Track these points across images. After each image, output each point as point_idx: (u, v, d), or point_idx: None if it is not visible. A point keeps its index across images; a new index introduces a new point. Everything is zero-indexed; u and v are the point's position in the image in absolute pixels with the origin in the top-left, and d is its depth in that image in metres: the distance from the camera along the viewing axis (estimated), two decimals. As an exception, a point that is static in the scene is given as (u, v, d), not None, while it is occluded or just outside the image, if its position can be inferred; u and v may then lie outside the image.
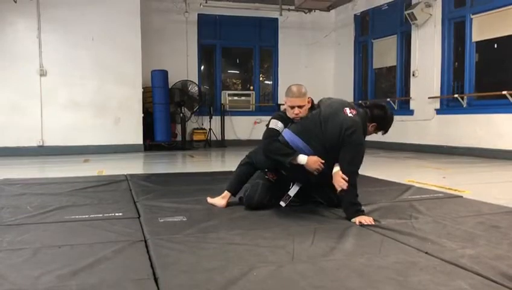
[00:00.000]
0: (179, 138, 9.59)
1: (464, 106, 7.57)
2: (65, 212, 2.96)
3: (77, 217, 2.82)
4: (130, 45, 8.50)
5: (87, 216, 2.84)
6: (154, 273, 1.82)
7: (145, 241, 2.28)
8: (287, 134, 2.93)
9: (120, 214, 2.93)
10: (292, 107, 2.98)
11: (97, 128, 8.38)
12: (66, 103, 8.22)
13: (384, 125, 2.98)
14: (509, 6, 6.84)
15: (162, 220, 2.73)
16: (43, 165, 6.74)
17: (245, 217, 2.85)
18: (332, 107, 2.94)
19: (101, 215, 2.88)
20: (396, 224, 2.59)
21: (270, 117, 3.16)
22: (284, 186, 3.08)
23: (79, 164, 6.53)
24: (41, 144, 8.09)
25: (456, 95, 7.66)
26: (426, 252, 2.06)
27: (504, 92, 6.77)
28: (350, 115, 2.82)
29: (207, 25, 10.20)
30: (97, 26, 8.31)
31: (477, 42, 7.48)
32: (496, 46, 7.41)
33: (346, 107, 2.89)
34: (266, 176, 3.11)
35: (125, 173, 4.88)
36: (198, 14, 10.06)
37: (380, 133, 3.02)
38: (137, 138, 8.62)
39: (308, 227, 2.57)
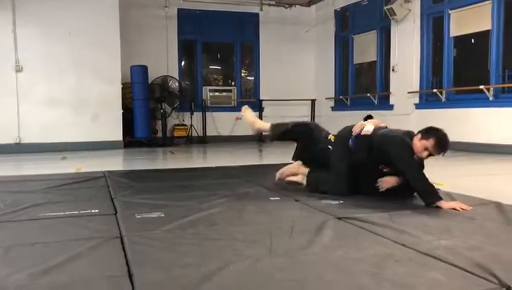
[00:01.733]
0: (160, 134, 9.51)
1: (443, 100, 7.67)
2: (39, 209, 2.89)
3: (52, 214, 2.76)
4: (108, 40, 8.38)
5: (62, 213, 2.78)
6: (129, 270, 1.78)
7: (121, 238, 2.24)
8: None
9: (96, 210, 2.88)
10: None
11: (75, 125, 8.24)
12: (43, 99, 8.07)
13: (427, 132, 3.01)
14: (486, 2, 6.94)
15: (139, 217, 2.69)
16: (19, 163, 6.61)
17: (223, 212, 2.83)
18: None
19: (76, 212, 2.82)
20: (374, 217, 2.60)
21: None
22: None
23: (56, 161, 6.42)
24: (18, 141, 7.93)
25: (434, 90, 7.76)
26: (402, 244, 2.07)
27: (481, 87, 6.88)
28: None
29: (187, 20, 10.12)
30: (75, 21, 8.16)
31: (455, 37, 7.57)
32: (473, 41, 7.52)
33: None
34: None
35: (103, 170, 4.81)
36: (178, 9, 9.97)
37: (431, 147, 2.97)
38: (117, 135, 8.51)
39: (287, 221, 2.56)
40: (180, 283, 1.66)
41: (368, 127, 3.29)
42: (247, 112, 3.79)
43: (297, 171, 3.63)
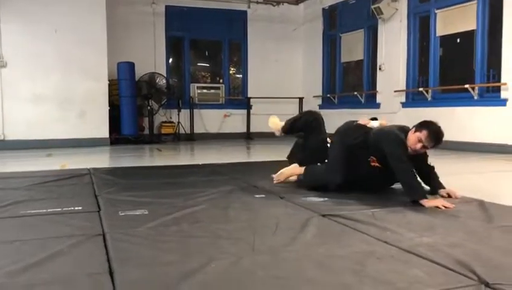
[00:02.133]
0: (147, 131, 9.45)
1: (429, 99, 7.73)
2: (21, 207, 2.85)
3: (33, 211, 2.72)
4: (95, 36, 8.29)
5: (44, 211, 2.75)
6: (110, 268, 1.77)
7: (103, 235, 2.22)
8: None
9: (79, 208, 2.85)
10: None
11: (61, 122, 8.15)
12: (28, 95, 7.96)
13: (421, 125, 3.08)
14: (471, 2, 7.00)
15: (122, 214, 2.67)
16: (3, 160, 6.51)
17: (208, 209, 2.82)
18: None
19: (59, 209, 2.79)
20: (358, 214, 2.61)
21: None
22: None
23: (41, 158, 6.34)
24: (2, 138, 7.82)
25: (421, 89, 7.81)
26: (385, 241, 2.08)
27: (466, 86, 6.94)
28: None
29: (175, 16, 10.07)
30: (61, 17, 8.06)
31: (441, 37, 7.63)
32: (458, 40, 7.59)
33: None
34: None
35: (89, 167, 4.76)
36: (166, 6, 9.91)
37: (425, 140, 3.03)
38: (103, 132, 8.43)
39: (271, 219, 2.56)
40: (162, 280, 1.65)
41: (374, 123, 3.36)
42: (273, 120, 4.03)
43: (294, 173, 3.63)
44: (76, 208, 2.83)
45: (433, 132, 3.03)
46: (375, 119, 3.54)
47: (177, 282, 1.62)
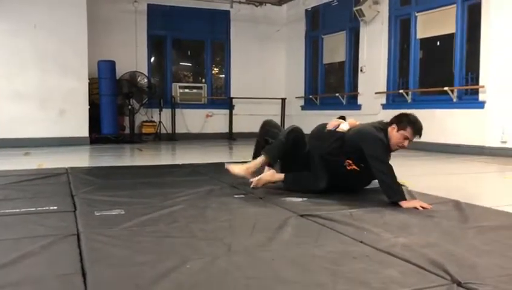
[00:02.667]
0: (128, 131, 9.36)
1: (409, 101, 7.82)
2: (-6, 206, 2.80)
3: (7, 211, 2.67)
4: (75, 34, 8.19)
5: (17, 210, 2.69)
6: (82, 268, 1.74)
7: (78, 236, 2.18)
8: None
9: (55, 207, 2.80)
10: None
11: (40, 121, 8.02)
12: (6, 93, 7.81)
13: (401, 121, 3.12)
14: (450, 6, 7.11)
15: (98, 214, 2.63)
16: (-21, 159, 6.38)
17: (186, 209, 2.80)
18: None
19: (33, 209, 2.74)
20: (336, 214, 2.62)
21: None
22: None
23: (18, 157, 6.23)
24: (-22, 136, 7.67)
25: (401, 91, 7.90)
26: (361, 241, 2.09)
27: (446, 88, 7.04)
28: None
29: (157, 15, 9.99)
30: (40, 13, 7.94)
31: (421, 39, 7.73)
32: (438, 43, 7.69)
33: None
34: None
35: (67, 166, 4.69)
36: (148, 4, 9.83)
37: (410, 135, 3.10)
38: (83, 131, 8.33)
39: (249, 219, 2.55)
40: (135, 281, 1.63)
41: (344, 126, 3.32)
42: (234, 168, 3.50)
43: (272, 179, 3.49)
44: (51, 208, 2.78)
45: (417, 127, 3.10)
46: (342, 118, 3.53)
47: (151, 283, 1.59)
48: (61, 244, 2.06)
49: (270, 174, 3.46)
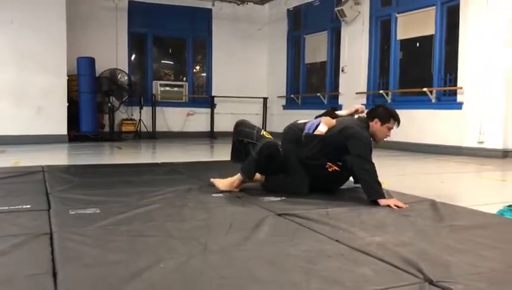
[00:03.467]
0: (107, 129, 9.25)
1: (389, 101, 7.89)
2: (-35, 205, 2.73)
3: (-22, 210, 2.61)
4: (54, 30, 8.06)
5: (-11, 209, 2.64)
6: (53, 268, 1.70)
7: (51, 235, 2.14)
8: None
9: (28, 206, 2.74)
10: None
11: (17, 118, 7.87)
12: (-19, 89, 7.66)
13: (383, 115, 3.25)
14: (429, 8, 7.20)
15: (73, 213, 2.59)
16: (-48, 156, 6.23)
17: (163, 208, 2.77)
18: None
19: (6, 207, 2.67)
20: (313, 213, 2.62)
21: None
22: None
23: (-6, 155, 6.10)
24: (-48, 133, 7.49)
25: (381, 91, 7.97)
26: (337, 240, 2.10)
27: (425, 89, 7.14)
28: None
29: (138, 12, 9.89)
30: (17, 8, 7.78)
31: (401, 40, 7.81)
32: (418, 45, 7.79)
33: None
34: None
35: (43, 164, 4.61)
36: (129, 1, 9.74)
37: (394, 126, 3.29)
38: (61, 129, 8.20)
39: (227, 218, 2.54)
40: (107, 280, 1.60)
41: (322, 128, 3.30)
42: (219, 184, 3.40)
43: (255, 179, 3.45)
44: (24, 207, 2.73)
45: (398, 118, 3.29)
46: (334, 109, 3.57)
47: (123, 282, 1.57)
48: (33, 243, 2.02)
49: (235, 179, 3.35)
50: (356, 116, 3.57)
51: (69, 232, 2.16)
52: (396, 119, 3.27)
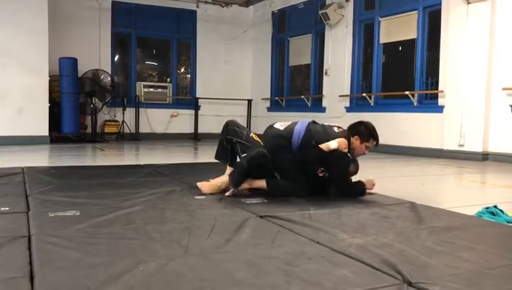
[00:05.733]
0: (89, 130, 9.15)
1: (371, 104, 7.97)
2: None
3: (-46, 212, 2.56)
4: (35, 29, 7.96)
5: (-34, 211, 2.59)
6: (31, 271, 1.68)
7: (29, 237, 2.11)
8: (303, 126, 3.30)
9: (6, 208, 2.70)
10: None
11: (-4, 118, 7.76)
12: (-40, 89, 7.52)
13: (364, 133, 3.31)
14: (412, 12, 7.30)
15: (52, 215, 2.56)
16: None
17: (144, 211, 2.75)
18: (325, 125, 3.42)
19: (-17, 210, 2.64)
20: (295, 215, 2.63)
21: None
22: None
23: (-28, 156, 5.99)
24: None
25: (364, 94, 8.04)
26: (317, 242, 2.11)
27: (407, 93, 7.22)
28: (337, 131, 3.32)
29: (122, 13, 9.83)
30: (-2, 7, 7.68)
31: (384, 44, 7.89)
32: (400, 48, 7.88)
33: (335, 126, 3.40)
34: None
35: (23, 166, 4.54)
36: (113, 2, 9.66)
37: (371, 144, 3.35)
38: (43, 130, 8.09)
39: (208, 220, 2.53)
40: (85, 283, 1.58)
41: (332, 145, 3.21)
42: (205, 188, 3.37)
43: (251, 186, 3.37)
44: (2, 209, 2.68)
45: (378, 138, 3.36)
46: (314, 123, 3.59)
47: (102, 285, 1.56)
48: (11, 246, 1.99)
49: (248, 182, 3.33)
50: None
51: (48, 235, 2.14)
52: (376, 140, 3.35)
